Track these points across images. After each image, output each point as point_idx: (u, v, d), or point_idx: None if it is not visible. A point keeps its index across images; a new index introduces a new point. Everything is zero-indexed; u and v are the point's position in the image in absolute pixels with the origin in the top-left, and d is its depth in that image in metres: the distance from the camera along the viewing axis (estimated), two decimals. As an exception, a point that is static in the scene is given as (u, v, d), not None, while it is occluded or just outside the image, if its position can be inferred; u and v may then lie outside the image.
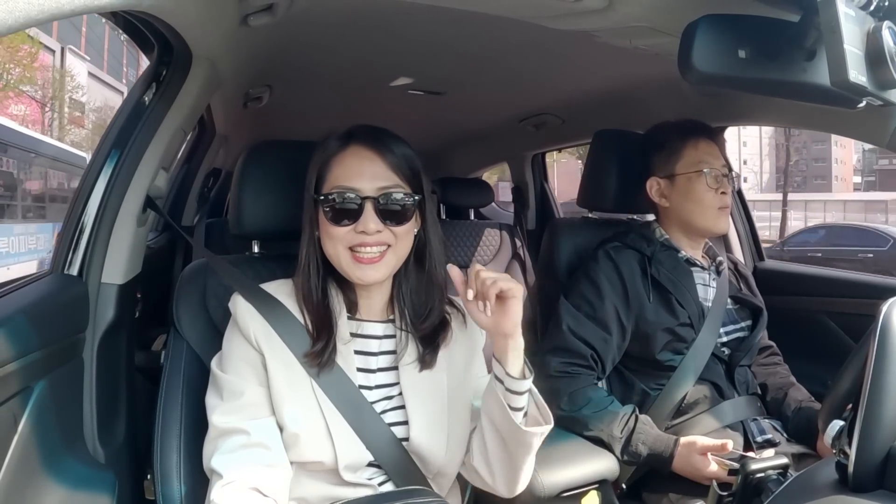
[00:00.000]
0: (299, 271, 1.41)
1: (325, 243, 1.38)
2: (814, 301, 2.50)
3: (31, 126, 20.06)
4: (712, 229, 2.01)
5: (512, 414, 1.31)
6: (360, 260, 1.34)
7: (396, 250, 1.37)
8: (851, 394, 0.99)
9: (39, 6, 0.76)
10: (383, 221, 1.34)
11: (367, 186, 1.35)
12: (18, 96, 21.89)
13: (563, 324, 1.93)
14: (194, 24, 1.39)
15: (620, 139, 2.26)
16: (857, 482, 0.91)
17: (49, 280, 1.50)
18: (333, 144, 1.40)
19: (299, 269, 1.41)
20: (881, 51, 1.13)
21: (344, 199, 1.34)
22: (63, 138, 22.45)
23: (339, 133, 1.42)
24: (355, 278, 1.36)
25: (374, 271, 1.35)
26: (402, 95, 2.86)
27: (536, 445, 1.37)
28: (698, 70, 1.20)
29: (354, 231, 1.33)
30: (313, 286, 1.39)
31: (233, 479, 1.24)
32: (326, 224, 1.36)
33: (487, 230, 3.36)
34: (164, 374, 1.52)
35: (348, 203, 1.34)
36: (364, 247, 1.34)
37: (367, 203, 1.34)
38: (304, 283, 1.39)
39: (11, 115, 20.18)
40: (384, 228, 1.34)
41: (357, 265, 1.34)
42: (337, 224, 1.35)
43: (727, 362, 1.97)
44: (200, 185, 3.68)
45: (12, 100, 21.75)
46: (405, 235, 1.38)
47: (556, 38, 1.71)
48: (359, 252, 1.35)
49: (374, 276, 1.36)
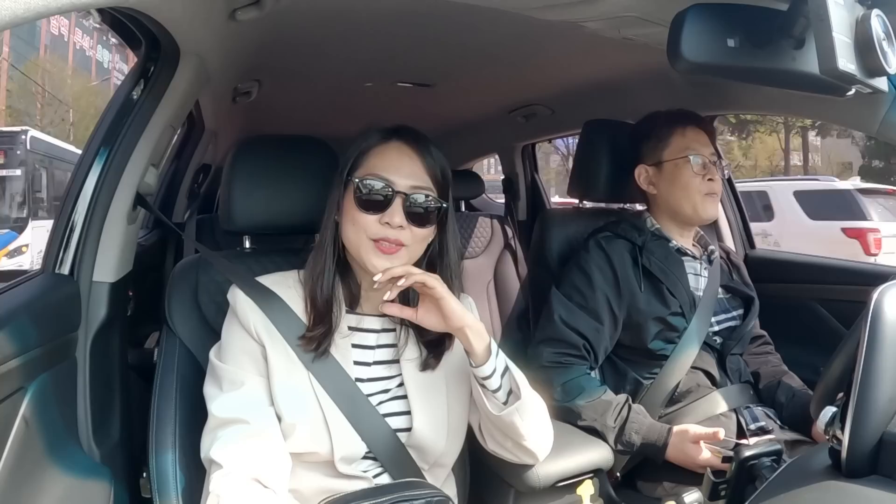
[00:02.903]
0: (316, 255, 1.42)
1: (346, 228, 1.39)
2: (805, 288, 2.51)
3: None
4: (700, 215, 2.01)
5: (487, 400, 1.39)
6: (381, 249, 1.35)
7: (409, 250, 1.38)
8: (843, 380, 1.00)
9: (26, 4, 0.75)
10: (407, 219, 1.36)
11: (401, 182, 1.37)
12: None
13: (554, 314, 1.94)
14: (181, 19, 1.38)
15: (610, 129, 2.27)
16: (850, 468, 0.91)
17: (40, 279, 1.49)
18: (376, 135, 1.43)
19: (316, 253, 1.42)
20: (870, 38, 1.14)
21: (377, 186, 1.36)
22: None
23: (384, 126, 1.44)
24: (370, 266, 1.36)
25: (391, 262, 1.36)
26: (390, 88, 2.85)
27: (527, 418, 1.42)
28: (687, 59, 1.20)
29: (379, 222, 1.35)
30: (327, 269, 1.40)
31: (232, 469, 1.25)
32: (353, 209, 1.37)
33: (479, 221, 3.35)
34: (158, 372, 1.51)
35: (380, 192, 1.36)
36: (385, 241, 1.35)
37: (398, 197, 1.36)
38: (320, 268, 1.40)
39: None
40: (406, 226, 1.36)
41: (376, 252, 1.35)
42: (364, 211, 1.36)
43: (719, 351, 1.98)
44: (190, 181, 3.66)
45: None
46: (421, 240, 1.40)
47: (544, 28, 1.71)
48: (380, 242, 1.36)
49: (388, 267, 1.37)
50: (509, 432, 1.43)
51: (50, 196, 13.32)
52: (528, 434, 1.43)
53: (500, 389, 1.39)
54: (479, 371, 1.37)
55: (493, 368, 1.38)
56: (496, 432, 1.45)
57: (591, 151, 2.25)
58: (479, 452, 1.57)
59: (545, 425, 1.49)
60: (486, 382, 1.38)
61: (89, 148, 1.59)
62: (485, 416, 1.43)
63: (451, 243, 1.46)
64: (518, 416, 1.39)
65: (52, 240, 1.53)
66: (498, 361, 1.39)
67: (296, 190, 1.59)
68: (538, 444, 1.48)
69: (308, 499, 1.35)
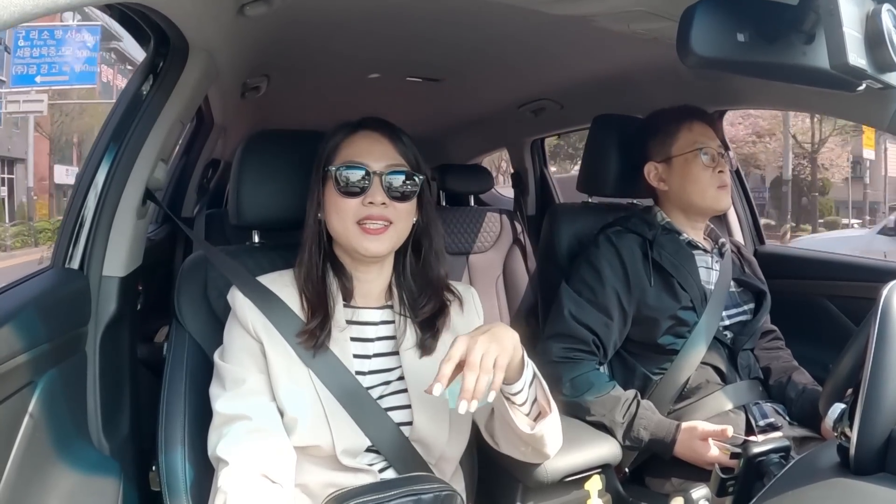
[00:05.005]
0: (302, 250, 1.45)
1: (331, 219, 1.42)
2: (814, 284, 2.50)
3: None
4: (714, 207, 2.01)
5: (515, 416, 1.34)
6: (367, 231, 1.39)
7: (397, 227, 1.42)
8: (852, 377, 1.00)
9: (34, 1, 0.76)
10: (389, 197, 1.40)
11: (376, 164, 1.42)
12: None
13: (564, 309, 1.94)
14: (190, 14, 1.39)
15: (619, 124, 2.26)
16: (858, 465, 0.91)
17: (50, 274, 1.50)
18: (344, 129, 1.48)
19: (302, 248, 1.45)
20: (880, 33, 1.13)
21: (355, 171, 1.41)
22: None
23: (350, 121, 1.50)
24: (362, 249, 1.39)
25: (380, 243, 1.40)
26: (400, 83, 2.85)
27: (554, 431, 1.41)
28: (697, 54, 1.19)
29: (362, 204, 1.39)
30: (314, 264, 1.44)
31: (239, 465, 1.26)
32: (335, 197, 1.41)
33: (488, 216, 3.35)
34: (167, 366, 1.52)
35: (358, 175, 1.40)
36: (370, 220, 1.39)
37: (375, 178, 1.41)
38: (306, 261, 1.44)
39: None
40: (389, 203, 1.40)
41: (365, 236, 1.39)
42: (346, 196, 1.40)
43: (730, 346, 1.97)
44: (199, 176, 3.66)
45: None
46: (406, 215, 1.44)
47: (553, 23, 1.70)
48: (366, 224, 1.39)
49: (378, 248, 1.40)
50: (534, 443, 1.41)
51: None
52: (551, 443, 1.43)
53: (526, 402, 1.36)
54: (511, 387, 1.32)
55: (525, 381, 1.33)
56: (517, 441, 1.42)
57: (601, 146, 2.24)
58: (486, 447, 1.57)
59: (560, 427, 1.47)
60: (515, 398, 1.34)
61: (99, 143, 1.60)
62: (511, 431, 1.38)
63: (432, 220, 1.52)
64: (548, 427, 1.38)
65: (62, 234, 1.54)
66: (527, 372, 1.33)
67: (304, 185, 1.59)
68: (556, 447, 1.47)
69: (315, 493, 1.36)
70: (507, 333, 1.26)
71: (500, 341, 1.23)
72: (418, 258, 1.51)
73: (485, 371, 1.18)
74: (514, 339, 1.27)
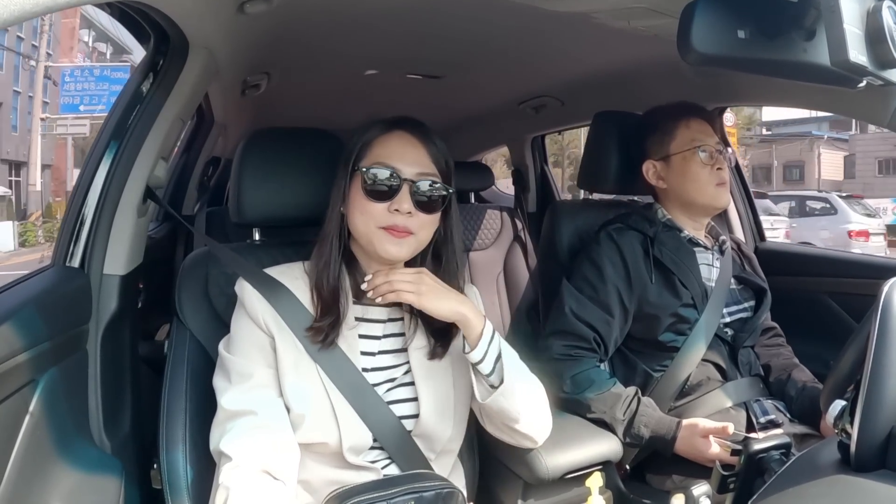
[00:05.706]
0: (322, 243, 1.43)
1: (355, 217, 1.41)
2: (815, 281, 2.50)
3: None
4: (714, 204, 2.01)
5: (477, 384, 1.40)
6: (390, 232, 1.38)
7: (417, 238, 1.41)
8: (853, 374, 0.99)
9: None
10: (415, 206, 1.38)
11: (407, 169, 1.39)
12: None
13: (565, 306, 1.94)
14: (190, 12, 1.39)
15: (620, 121, 2.26)
16: (859, 462, 0.91)
17: (51, 272, 1.50)
18: (380, 125, 1.46)
19: (322, 241, 1.44)
20: (881, 30, 1.12)
21: (384, 175, 1.39)
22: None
23: (385, 118, 1.47)
24: (382, 251, 1.38)
25: (401, 248, 1.39)
26: (400, 80, 2.84)
27: (515, 403, 1.42)
28: (697, 51, 1.19)
29: (388, 210, 1.37)
30: (333, 259, 1.42)
31: (242, 461, 1.26)
32: (361, 198, 1.39)
33: (488, 213, 3.35)
34: (168, 364, 1.52)
35: (388, 180, 1.38)
36: (393, 229, 1.38)
37: (405, 185, 1.38)
38: (326, 255, 1.42)
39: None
40: (414, 212, 1.38)
41: (388, 237, 1.38)
42: (373, 199, 1.38)
43: (731, 343, 1.97)
44: (200, 173, 3.67)
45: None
46: (429, 225, 1.42)
47: (554, 19, 1.70)
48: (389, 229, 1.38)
49: (399, 253, 1.40)
50: (500, 416, 1.44)
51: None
52: (519, 417, 1.44)
53: (492, 374, 1.39)
54: (470, 356, 1.38)
55: (484, 353, 1.38)
56: (493, 415, 1.46)
57: (602, 143, 2.24)
58: (488, 444, 1.57)
59: (538, 408, 1.49)
60: (479, 367, 1.39)
61: (99, 141, 1.60)
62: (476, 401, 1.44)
63: (455, 230, 1.50)
64: (504, 400, 1.39)
65: (63, 233, 1.54)
66: (491, 347, 1.39)
67: (305, 182, 1.59)
68: (531, 427, 1.48)
69: (317, 490, 1.36)
70: (458, 299, 1.41)
71: (437, 292, 1.38)
72: (438, 265, 1.49)
73: (396, 284, 1.36)
74: (461, 307, 1.39)
